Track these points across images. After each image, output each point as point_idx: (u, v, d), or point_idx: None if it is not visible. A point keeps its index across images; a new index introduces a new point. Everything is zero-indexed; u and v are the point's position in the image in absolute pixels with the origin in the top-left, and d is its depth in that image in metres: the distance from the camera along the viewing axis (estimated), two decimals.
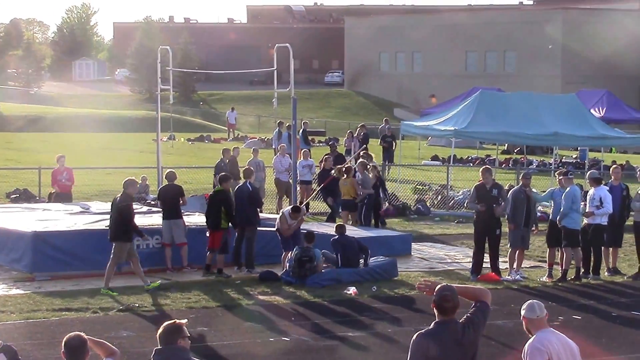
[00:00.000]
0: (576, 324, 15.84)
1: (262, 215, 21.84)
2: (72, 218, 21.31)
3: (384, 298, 17.80)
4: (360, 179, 25.07)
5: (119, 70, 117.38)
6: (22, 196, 28.87)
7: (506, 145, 50.84)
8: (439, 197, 32.38)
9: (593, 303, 18.01)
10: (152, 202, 26.53)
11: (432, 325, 7.92)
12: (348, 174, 25.17)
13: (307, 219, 25.31)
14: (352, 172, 25.38)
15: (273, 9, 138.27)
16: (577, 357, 8.48)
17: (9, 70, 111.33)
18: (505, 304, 16.76)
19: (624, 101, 58.25)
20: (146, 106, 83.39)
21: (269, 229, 20.44)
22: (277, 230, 19.93)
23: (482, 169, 20.55)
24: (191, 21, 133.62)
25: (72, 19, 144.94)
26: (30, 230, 19.25)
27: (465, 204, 30.25)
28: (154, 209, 23.15)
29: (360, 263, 19.53)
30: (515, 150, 51.75)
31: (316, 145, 51.73)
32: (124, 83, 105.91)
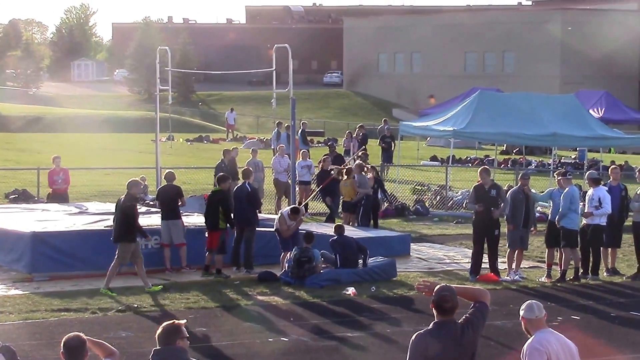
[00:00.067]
0: (575, 325, 15.82)
1: (261, 216, 21.84)
2: (71, 218, 21.29)
3: (383, 298, 17.79)
4: (357, 180, 25.03)
5: (117, 70, 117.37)
6: (21, 196, 28.86)
7: (505, 145, 50.84)
8: (438, 197, 32.37)
9: (592, 303, 18.01)
10: (151, 203, 26.52)
11: (431, 326, 7.92)
12: (348, 175, 25.14)
13: (306, 219, 25.31)
14: (352, 174, 25.35)
15: (272, 10, 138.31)
16: (576, 358, 8.49)
17: (7, 71, 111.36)
18: (504, 305, 16.76)
19: (622, 102, 58.35)
20: (145, 106, 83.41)
21: (267, 229, 20.44)
22: (276, 230, 19.93)
23: (480, 170, 20.51)
24: (190, 21, 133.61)
25: (71, 19, 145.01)
26: (29, 231, 19.24)
27: (464, 205, 30.29)
28: (152, 209, 23.13)
29: (359, 263, 19.53)
30: (514, 151, 51.76)
31: (315, 145, 51.74)
32: (123, 83, 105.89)
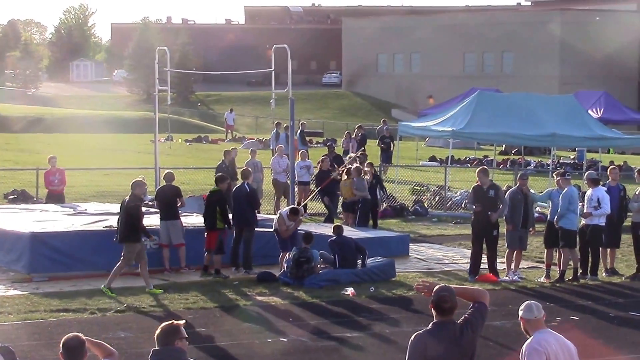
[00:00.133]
0: (574, 325, 15.82)
1: (260, 216, 21.84)
2: (70, 219, 21.29)
3: (382, 299, 17.79)
4: (355, 182, 24.91)
5: (116, 71, 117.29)
6: (20, 197, 28.83)
7: (504, 146, 50.82)
8: (437, 198, 32.37)
9: (591, 304, 18.01)
10: (150, 203, 26.48)
11: (430, 326, 7.92)
12: (349, 175, 25.13)
13: (305, 219, 25.30)
14: (352, 175, 25.29)
15: (271, 10, 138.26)
16: (575, 358, 8.48)
17: (6, 71, 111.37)
18: (503, 305, 16.76)
19: (621, 102, 58.35)
20: (144, 107, 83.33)
21: (266, 229, 20.44)
22: (275, 230, 19.93)
23: (477, 171, 20.49)
24: (189, 22, 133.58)
25: (69, 19, 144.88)
26: (28, 231, 19.23)
27: (463, 205, 30.31)
28: (151, 209, 23.10)
29: (358, 264, 19.53)
30: (513, 151, 51.74)
31: (314, 146, 51.75)
32: (122, 84, 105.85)
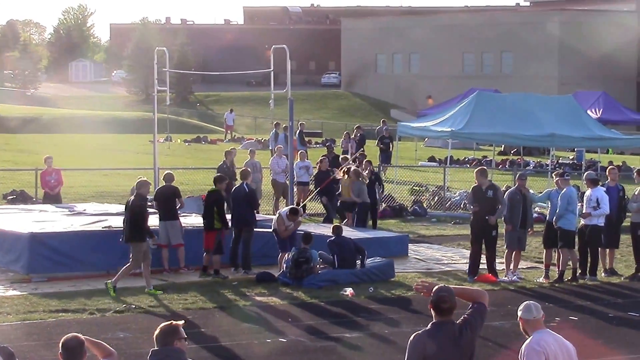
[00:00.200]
0: (573, 325, 15.83)
1: (259, 217, 21.83)
2: (69, 219, 21.29)
3: (381, 299, 17.79)
4: (353, 187, 24.78)
5: (115, 71, 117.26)
6: (19, 197, 28.81)
7: (503, 146, 50.83)
8: (436, 198, 32.36)
9: (590, 304, 18.02)
10: (149, 203, 26.44)
11: (429, 326, 7.92)
12: (348, 175, 25.08)
13: (304, 220, 25.29)
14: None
15: (270, 10, 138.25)
16: (574, 358, 8.49)
17: (5, 72, 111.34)
18: (502, 305, 16.76)
19: (620, 102, 58.36)
20: (143, 107, 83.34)
21: (266, 230, 20.44)
22: (274, 231, 19.92)
23: (475, 171, 20.46)
24: (188, 22, 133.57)
25: (68, 20, 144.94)
26: (27, 232, 19.22)
27: (461, 205, 30.34)
28: (150, 210, 23.06)
29: (357, 264, 19.53)
30: (512, 152, 51.75)
31: (313, 146, 51.75)
32: (121, 84, 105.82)
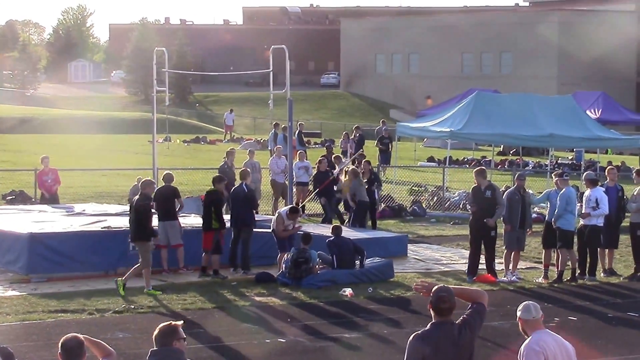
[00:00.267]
0: (572, 325, 15.84)
1: (258, 217, 21.82)
2: (68, 220, 21.28)
3: (380, 299, 17.79)
4: (352, 187, 24.76)
5: (114, 71, 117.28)
6: (18, 198, 28.81)
7: (502, 146, 50.82)
8: (435, 198, 32.36)
9: (589, 304, 18.02)
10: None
11: (428, 327, 7.92)
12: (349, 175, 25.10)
13: (303, 220, 25.29)
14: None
15: (269, 11, 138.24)
16: (573, 358, 8.48)
17: (4, 72, 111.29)
18: (501, 305, 16.76)
19: (619, 103, 58.38)
20: (142, 107, 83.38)
21: (265, 230, 20.44)
22: (273, 231, 19.92)
23: (474, 171, 20.45)
24: (187, 22, 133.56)
25: (68, 20, 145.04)
26: (26, 232, 19.21)
27: (461, 205, 30.35)
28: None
29: (356, 264, 19.53)
30: (511, 152, 51.74)
31: (312, 146, 51.75)
32: (120, 84, 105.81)
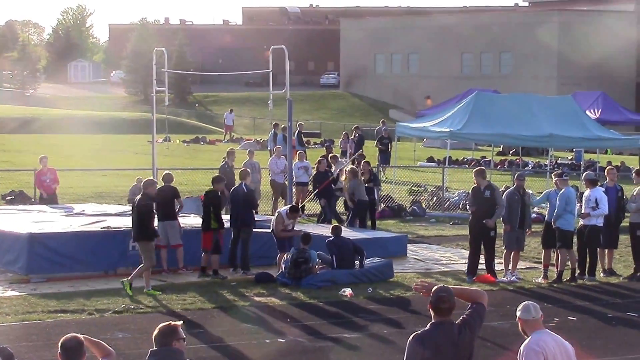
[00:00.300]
0: (572, 325, 15.85)
1: (258, 217, 21.82)
2: (68, 220, 21.28)
3: (380, 299, 17.79)
4: (351, 186, 24.74)
5: (114, 72, 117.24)
6: (18, 198, 28.81)
7: (501, 146, 50.82)
8: (435, 198, 32.36)
9: (588, 304, 18.02)
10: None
11: (428, 327, 7.92)
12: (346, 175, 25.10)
13: (303, 220, 25.29)
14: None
15: (268, 11, 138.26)
16: (573, 358, 8.48)
17: (4, 72, 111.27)
18: (501, 305, 16.76)
19: (619, 103, 58.41)
20: (141, 108, 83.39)
21: (264, 230, 20.44)
22: (273, 231, 19.91)
23: (474, 172, 20.46)
24: (187, 23, 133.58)
25: (67, 20, 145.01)
26: (25, 232, 19.21)
27: (461, 206, 30.36)
28: None
29: (355, 264, 19.53)
30: (511, 152, 51.74)
31: (311, 147, 51.75)
32: (120, 85, 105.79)
